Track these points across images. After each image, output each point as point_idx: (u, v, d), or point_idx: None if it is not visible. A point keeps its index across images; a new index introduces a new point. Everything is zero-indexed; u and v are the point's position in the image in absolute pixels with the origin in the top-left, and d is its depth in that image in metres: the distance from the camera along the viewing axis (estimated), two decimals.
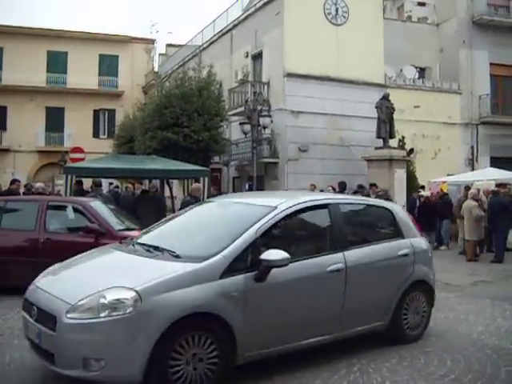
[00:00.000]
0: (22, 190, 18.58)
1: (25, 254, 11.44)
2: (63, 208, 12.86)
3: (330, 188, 19.59)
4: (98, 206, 12.79)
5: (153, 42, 50.63)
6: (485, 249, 19.50)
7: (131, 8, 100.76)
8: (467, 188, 20.11)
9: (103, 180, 20.64)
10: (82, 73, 44.94)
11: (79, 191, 18.79)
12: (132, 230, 12.11)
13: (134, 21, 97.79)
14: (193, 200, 13.35)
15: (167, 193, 25.97)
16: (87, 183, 21.51)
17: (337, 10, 28.45)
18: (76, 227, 12.16)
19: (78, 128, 44.30)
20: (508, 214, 17.74)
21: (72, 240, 11.61)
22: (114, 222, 12.44)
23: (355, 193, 19.31)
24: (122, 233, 11.48)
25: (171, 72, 36.12)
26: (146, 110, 26.84)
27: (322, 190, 20.24)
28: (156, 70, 48.57)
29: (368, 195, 19.45)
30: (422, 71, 33.24)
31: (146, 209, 17.11)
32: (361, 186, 21.18)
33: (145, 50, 49.71)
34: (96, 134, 46.57)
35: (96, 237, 11.29)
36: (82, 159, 27.00)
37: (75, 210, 12.46)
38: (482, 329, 8.66)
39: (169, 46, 50.26)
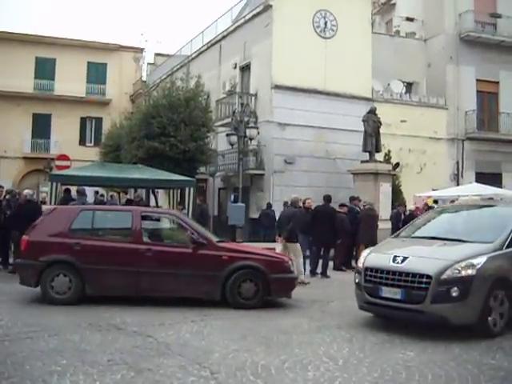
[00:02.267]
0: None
1: (125, 264, 11.68)
2: (156, 219, 13.42)
3: (310, 201, 19.44)
4: (187, 218, 13.45)
5: (141, 50, 50.62)
6: None
7: (120, 16, 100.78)
8: (452, 202, 20.17)
9: (88, 188, 20.58)
10: (70, 80, 44.77)
11: (66, 199, 18.70)
12: (223, 241, 12.77)
13: (123, 29, 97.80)
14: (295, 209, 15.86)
15: (152, 202, 25.93)
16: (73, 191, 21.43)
17: (325, 23, 28.60)
18: (172, 238, 12.92)
19: (64, 135, 44.12)
20: None
21: (171, 250, 12.04)
22: (208, 233, 12.93)
23: (341, 205, 19.29)
24: (221, 244, 12.22)
25: (159, 81, 36.22)
26: (133, 118, 26.77)
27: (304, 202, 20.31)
28: (144, 79, 48.55)
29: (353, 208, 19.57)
30: (409, 86, 33.42)
31: None
32: (353, 198, 21.09)
33: (133, 59, 49.68)
34: (82, 142, 46.47)
35: (194, 248, 11.65)
36: (68, 167, 26.96)
37: (170, 221, 12.97)
38: (463, 344, 8.67)
39: (157, 55, 50.26)
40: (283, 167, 27.40)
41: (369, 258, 10.35)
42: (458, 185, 30.29)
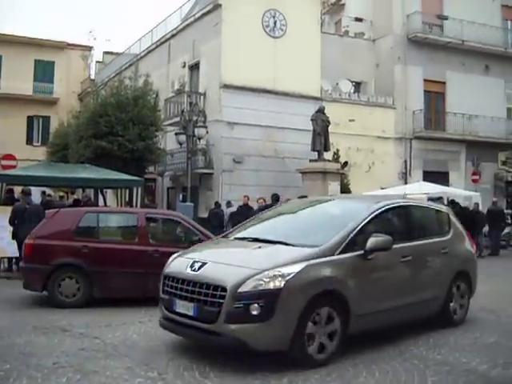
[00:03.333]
0: None
1: (133, 266, 11.73)
2: (161, 220, 13.55)
3: (262, 201, 19.73)
4: (189, 218, 13.78)
5: (90, 48, 50.00)
6: None
7: (68, 13, 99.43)
8: None
9: (35, 188, 20.27)
10: (17, 78, 43.94)
11: (9, 199, 18.39)
12: None
13: (71, 27, 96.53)
14: None
15: (101, 202, 25.68)
16: (18, 191, 21.08)
17: (275, 22, 28.66)
18: (177, 238, 13.13)
19: (10, 134, 43.16)
20: None
21: (177, 251, 12.06)
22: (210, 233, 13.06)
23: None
24: None
25: (107, 80, 35.87)
26: (81, 117, 26.43)
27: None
28: (92, 77, 48.01)
29: None
30: (357, 85, 33.69)
31: None
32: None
33: (81, 57, 49.01)
34: (30, 141, 45.73)
35: None
36: (14, 166, 26.50)
37: (173, 222, 13.18)
38: (410, 339, 8.75)
39: (106, 53, 49.75)
40: (232, 166, 27.37)
41: (173, 262, 8.49)
42: (406, 183, 30.65)
